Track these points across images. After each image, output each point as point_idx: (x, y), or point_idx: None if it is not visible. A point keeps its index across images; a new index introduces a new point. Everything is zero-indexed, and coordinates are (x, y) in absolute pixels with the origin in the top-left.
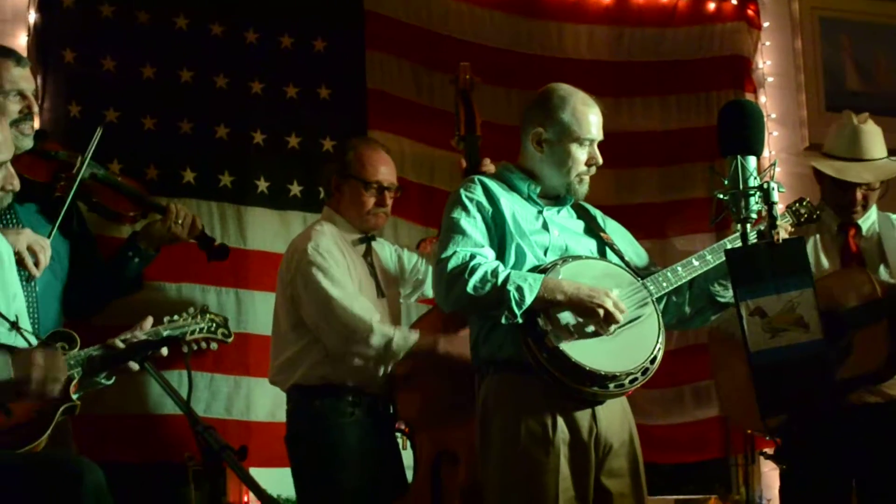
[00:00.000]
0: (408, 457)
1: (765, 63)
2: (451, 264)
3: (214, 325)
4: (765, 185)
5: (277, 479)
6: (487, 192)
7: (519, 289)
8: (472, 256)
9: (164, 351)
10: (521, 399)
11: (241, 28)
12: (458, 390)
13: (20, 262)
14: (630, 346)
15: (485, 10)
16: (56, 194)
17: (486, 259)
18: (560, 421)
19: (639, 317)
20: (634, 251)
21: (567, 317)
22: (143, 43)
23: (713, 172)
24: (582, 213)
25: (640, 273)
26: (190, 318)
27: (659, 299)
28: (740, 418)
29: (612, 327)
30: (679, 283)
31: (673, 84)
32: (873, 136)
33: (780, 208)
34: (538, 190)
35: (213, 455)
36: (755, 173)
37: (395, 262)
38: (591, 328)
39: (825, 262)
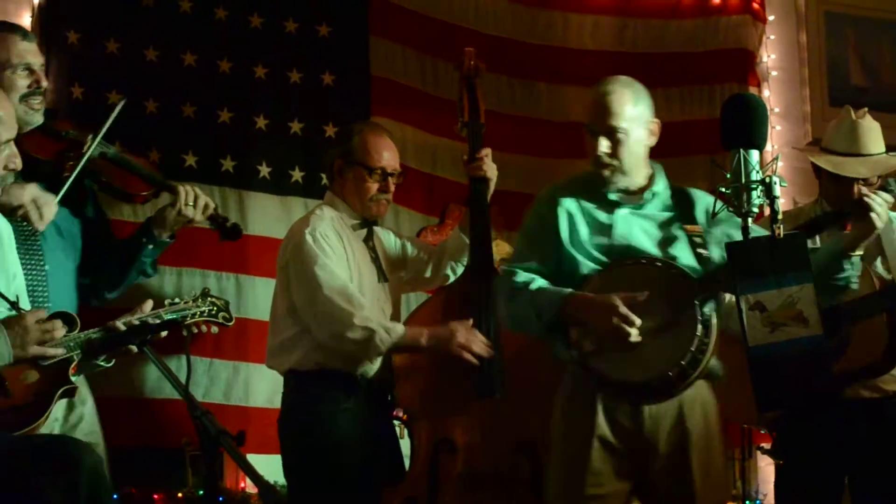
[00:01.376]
0: (406, 445)
1: (769, 57)
2: (500, 285)
3: (216, 308)
4: (767, 180)
5: (275, 466)
6: (552, 199)
7: (539, 311)
8: (515, 273)
9: (164, 333)
10: (574, 395)
11: (246, 12)
12: (457, 379)
13: (24, 216)
14: (659, 352)
15: None
16: (65, 174)
17: (528, 276)
18: (602, 419)
19: (676, 320)
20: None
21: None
22: (147, 25)
23: (715, 165)
24: (680, 201)
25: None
26: (191, 301)
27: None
28: (734, 412)
29: (634, 336)
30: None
31: (677, 76)
32: (871, 132)
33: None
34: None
35: (211, 440)
36: (758, 167)
37: (399, 249)
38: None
39: None
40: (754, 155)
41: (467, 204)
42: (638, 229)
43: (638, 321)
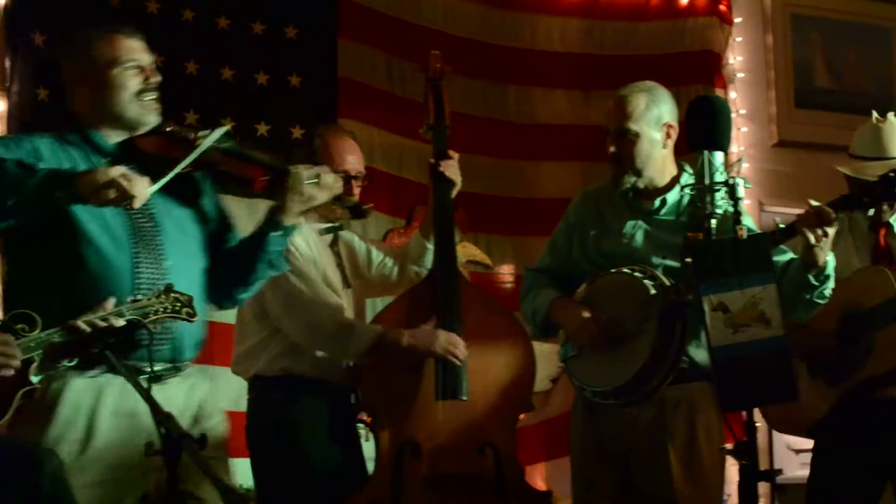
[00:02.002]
0: (370, 448)
1: (736, 59)
2: (523, 282)
3: (179, 304)
4: (731, 181)
5: (241, 469)
6: (576, 203)
7: (534, 313)
8: (530, 275)
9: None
10: (576, 402)
11: (213, 14)
12: (419, 382)
13: (114, 194)
14: (623, 359)
15: (459, 0)
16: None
17: (538, 278)
18: (590, 422)
19: (640, 330)
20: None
21: None
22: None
23: (680, 167)
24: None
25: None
26: (154, 297)
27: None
28: (777, 421)
29: (595, 345)
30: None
31: (643, 78)
32: (894, 134)
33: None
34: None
35: (173, 443)
36: (722, 168)
37: (364, 254)
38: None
39: (857, 263)
40: (718, 156)
41: (431, 206)
42: (643, 236)
43: (597, 329)
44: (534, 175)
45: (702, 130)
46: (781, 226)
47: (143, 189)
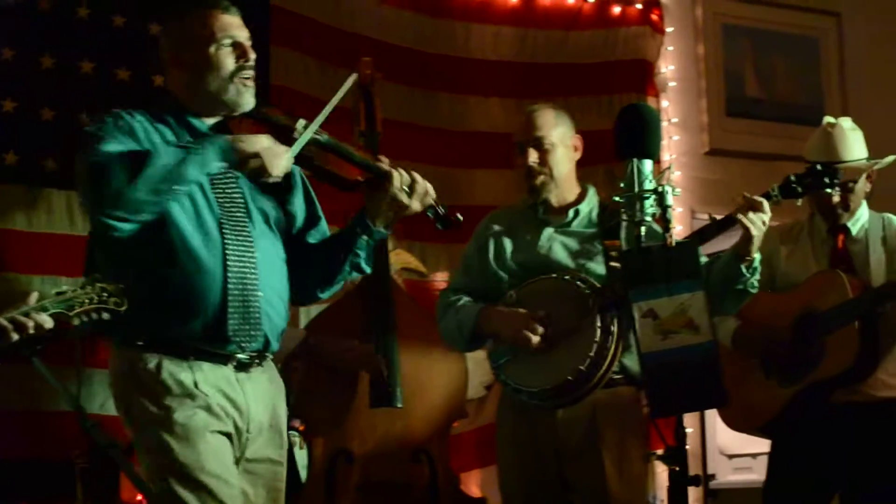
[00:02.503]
0: (303, 456)
1: (667, 68)
2: (437, 304)
3: (107, 294)
4: (660, 189)
5: None
6: (485, 225)
7: (459, 325)
8: (448, 294)
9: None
10: (502, 405)
11: (144, 19)
12: (352, 390)
13: (256, 166)
14: (562, 359)
15: (392, 8)
16: None
17: (457, 295)
18: (521, 424)
19: (578, 328)
20: None
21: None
22: (3, 25)
23: (609, 175)
24: (607, 219)
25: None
26: (78, 288)
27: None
28: (730, 418)
29: (535, 342)
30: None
31: (576, 86)
32: (846, 138)
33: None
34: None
35: (101, 452)
36: (651, 176)
37: None
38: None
39: (815, 267)
40: (647, 164)
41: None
42: (559, 245)
43: (540, 329)
44: (468, 183)
45: (631, 138)
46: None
47: (284, 165)
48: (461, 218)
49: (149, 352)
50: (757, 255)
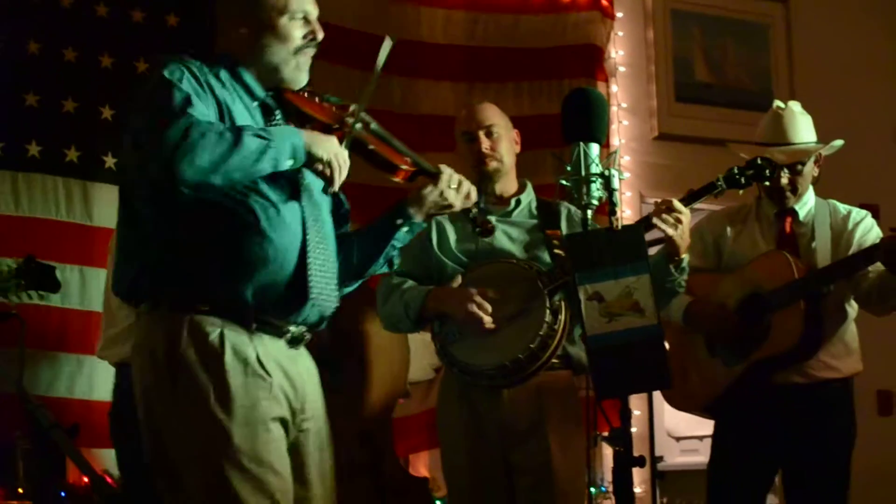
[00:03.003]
0: None
1: (617, 53)
2: (378, 290)
3: (40, 274)
4: (606, 173)
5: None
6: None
7: (406, 306)
8: (391, 277)
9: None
10: (444, 391)
11: (92, 1)
12: None
13: (324, 171)
14: (512, 338)
15: None
16: (339, 137)
17: (400, 279)
18: (465, 405)
19: (527, 309)
20: None
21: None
22: (29, 21)
23: (556, 158)
24: (544, 211)
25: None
26: (13, 269)
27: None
28: (675, 400)
29: (487, 322)
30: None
31: (527, 71)
32: (794, 122)
33: None
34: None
35: (43, 433)
36: (597, 160)
37: None
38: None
39: (763, 248)
40: (594, 148)
41: None
42: (502, 234)
43: (489, 308)
44: None
45: (577, 122)
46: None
47: (344, 172)
48: (493, 226)
49: (210, 317)
50: (685, 256)
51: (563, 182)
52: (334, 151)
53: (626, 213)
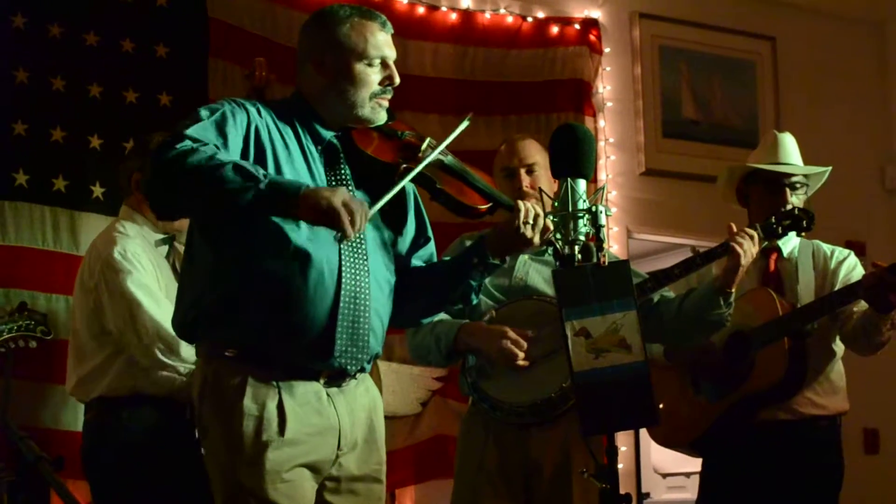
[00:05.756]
0: None
1: (605, 88)
2: None
3: (33, 322)
4: (593, 209)
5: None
6: (459, 244)
7: (437, 339)
8: None
9: None
10: (469, 431)
11: (82, 30)
12: None
13: (332, 220)
14: (544, 376)
15: None
16: (395, 178)
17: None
18: (488, 445)
19: (560, 348)
20: None
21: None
22: (17, 49)
23: (543, 194)
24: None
25: None
26: (6, 315)
27: None
28: (664, 437)
29: (520, 360)
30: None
31: (515, 105)
32: (793, 146)
33: None
34: None
35: (28, 465)
36: (584, 196)
37: None
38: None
39: (747, 285)
40: (581, 184)
41: None
42: (534, 272)
43: (524, 345)
44: None
45: (565, 158)
46: (700, 250)
47: (362, 221)
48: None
49: (235, 363)
50: (733, 290)
51: (551, 217)
52: (342, 201)
53: (613, 248)
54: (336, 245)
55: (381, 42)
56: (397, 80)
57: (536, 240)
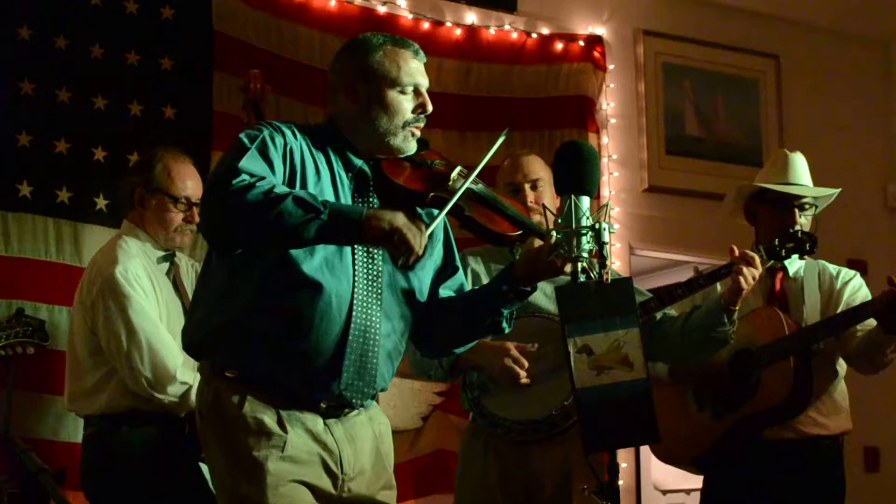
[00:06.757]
0: None
1: (608, 105)
2: None
3: (31, 328)
4: (596, 226)
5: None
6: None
7: None
8: None
9: None
10: (469, 448)
11: (87, 43)
12: None
13: (398, 240)
14: (545, 394)
15: (336, 38)
16: (426, 207)
17: None
18: (489, 462)
19: (562, 366)
20: None
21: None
22: (23, 60)
23: (547, 210)
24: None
25: None
26: (4, 322)
27: None
28: (664, 453)
29: (522, 377)
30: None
31: (519, 121)
32: (804, 166)
33: None
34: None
35: (30, 477)
36: (588, 213)
37: (194, 278)
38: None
39: (752, 303)
40: (585, 201)
41: None
42: (538, 290)
43: (526, 363)
44: None
45: (569, 175)
46: (702, 269)
47: (421, 242)
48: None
49: (235, 384)
50: (737, 308)
51: (554, 234)
52: (403, 222)
53: (616, 265)
54: (350, 279)
55: (414, 69)
56: (430, 107)
57: (569, 268)
